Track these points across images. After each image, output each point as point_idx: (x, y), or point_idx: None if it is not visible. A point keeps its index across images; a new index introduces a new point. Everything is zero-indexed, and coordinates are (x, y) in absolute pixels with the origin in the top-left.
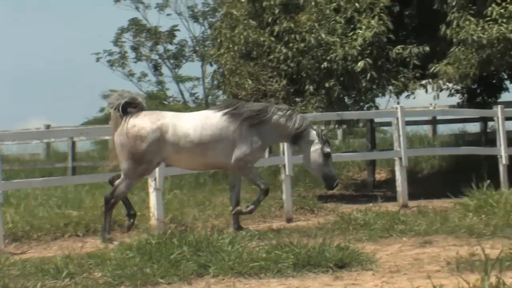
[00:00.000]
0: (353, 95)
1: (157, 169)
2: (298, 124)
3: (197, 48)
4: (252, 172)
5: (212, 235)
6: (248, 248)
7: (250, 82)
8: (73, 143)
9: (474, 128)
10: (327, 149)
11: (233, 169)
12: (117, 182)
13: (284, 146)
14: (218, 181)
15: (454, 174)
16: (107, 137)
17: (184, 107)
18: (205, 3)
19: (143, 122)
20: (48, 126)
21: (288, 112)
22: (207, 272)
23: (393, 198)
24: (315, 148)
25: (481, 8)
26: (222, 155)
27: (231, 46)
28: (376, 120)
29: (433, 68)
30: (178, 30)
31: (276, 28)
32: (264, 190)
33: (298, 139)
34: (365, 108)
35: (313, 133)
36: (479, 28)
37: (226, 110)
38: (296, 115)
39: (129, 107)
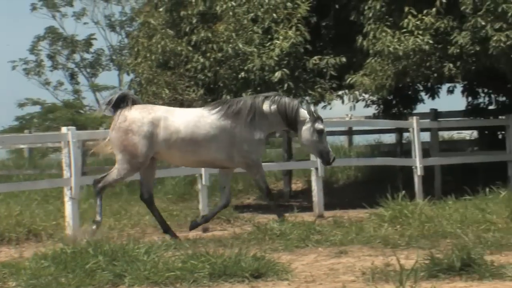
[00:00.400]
0: None
1: (72, 178)
2: (288, 107)
3: (114, 57)
4: (260, 172)
5: (127, 245)
6: (164, 258)
7: (167, 91)
8: None
9: (389, 139)
10: (320, 126)
11: (237, 168)
12: (112, 169)
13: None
14: (134, 190)
15: (370, 185)
16: (22, 146)
17: (101, 117)
18: (122, 12)
19: (134, 116)
20: None
21: (276, 97)
22: (123, 281)
23: (309, 208)
24: (307, 126)
25: (397, 20)
26: (215, 153)
27: (148, 55)
28: None
29: (349, 79)
30: (95, 39)
31: (194, 38)
32: (266, 194)
33: (292, 122)
34: None
35: (304, 112)
36: (395, 40)
37: (220, 109)
38: (283, 98)
39: (122, 103)
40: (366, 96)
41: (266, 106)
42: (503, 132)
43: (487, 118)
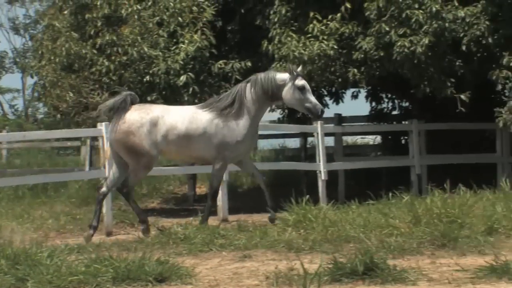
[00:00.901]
0: None
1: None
2: (265, 81)
3: (17, 59)
4: (223, 169)
5: (30, 249)
6: (67, 262)
7: (71, 94)
8: None
9: (294, 143)
10: (300, 82)
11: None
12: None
13: (106, 162)
14: (37, 194)
15: (274, 189)
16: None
17: (3, 119)
18: (26, 15)
19: (133, 117)
20: None
21: (253, 78)
22: (25, 285)
23: (213, 213)
24: (289, 86)
25: (302, 25)
26: (205, 149)
27: (52, 58)
28: None
29: None
30: None
31: (99, 41)
32: (213, 193)
33: (275, 92)
34: None
35: (281, 75)
36: (301, 45)
37: (211, 105)
38: (259, 76)
39: (120, 105)
40: None
41: (248, 92)
42: (406, 137)
43: (391, 123)
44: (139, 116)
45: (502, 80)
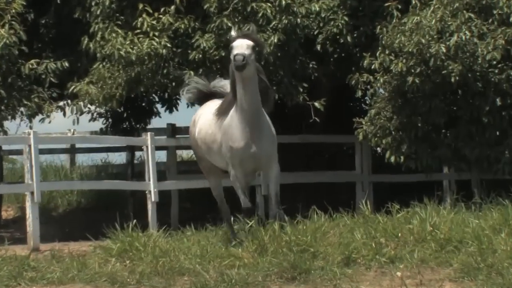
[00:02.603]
0: None
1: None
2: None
3: None
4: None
5: None
6: None
7: None
8: None
9: (119, 158)
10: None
11: None
12: None
13: None
14: None
15: (96, 213)
16: None
17: None
18: None
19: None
20: None
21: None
22: None
23: (22, 240)
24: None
25: (130, 18)
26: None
27: None
28: (5, 147)
29: (72, 87)
30: None
31: None
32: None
33: (233, 87)
34: None
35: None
36: (128, 42)
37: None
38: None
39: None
40: (92, 107)
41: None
42: None
43: None
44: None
45: (362, 85)
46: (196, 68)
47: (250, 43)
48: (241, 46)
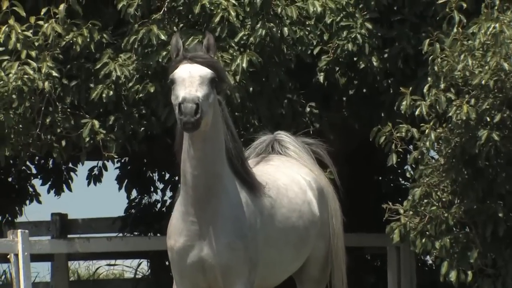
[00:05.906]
0: None
1: None
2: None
3: None
4: None
5: None
6: None
7: None
8: None
9: None
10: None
11: None
12: None
13: None
14: None
15: None
16: None
17: None
18: None
19: None
20: None
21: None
22: None
23: None
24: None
25: None
26: None
27: None
28: None
29: None
30: None
31: None
32: None
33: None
34: None
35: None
36: None
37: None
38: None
39: None
40: None
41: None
42: None
43: None
44: None
45: (398, 145)
46: (105, 114)
47: (206, 72)
48: (191, 82)
